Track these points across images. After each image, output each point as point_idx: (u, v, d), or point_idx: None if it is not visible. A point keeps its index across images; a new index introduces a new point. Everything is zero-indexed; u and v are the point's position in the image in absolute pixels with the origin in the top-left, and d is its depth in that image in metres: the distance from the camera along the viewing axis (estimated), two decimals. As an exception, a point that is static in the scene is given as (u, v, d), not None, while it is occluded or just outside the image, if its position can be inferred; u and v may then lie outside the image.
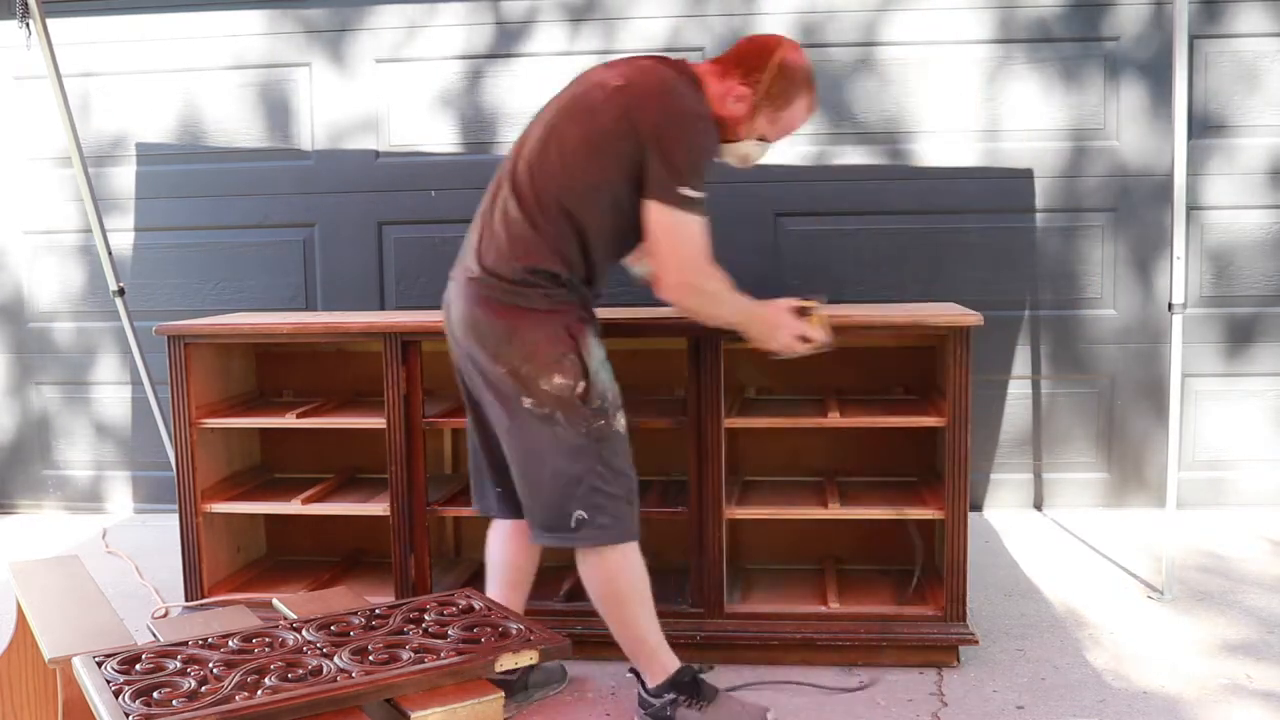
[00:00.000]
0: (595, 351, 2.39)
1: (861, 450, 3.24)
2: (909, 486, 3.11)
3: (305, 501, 3.10)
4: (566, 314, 2.37)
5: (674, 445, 3.17)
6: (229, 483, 3.24)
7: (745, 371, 3.23)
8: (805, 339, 2.50)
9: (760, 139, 2.49)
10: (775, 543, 3.26)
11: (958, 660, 2.82)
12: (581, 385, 2.34)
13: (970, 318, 2.76)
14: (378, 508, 3.05)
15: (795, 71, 2.43)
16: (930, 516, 2.88)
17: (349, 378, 3.40)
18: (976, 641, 2.80)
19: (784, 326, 2.48)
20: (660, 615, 2.90)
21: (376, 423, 2.98)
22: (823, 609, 2.89)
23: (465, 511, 3.13)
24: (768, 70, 2.40)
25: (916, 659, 2.83)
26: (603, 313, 3.15)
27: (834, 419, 2.88)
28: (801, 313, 2.51)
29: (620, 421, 2.42)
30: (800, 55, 2.46)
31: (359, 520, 3.27)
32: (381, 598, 2.85)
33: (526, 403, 2.34)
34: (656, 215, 2.28)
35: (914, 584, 2.99)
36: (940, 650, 2.82)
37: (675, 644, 2.88)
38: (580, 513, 2.36)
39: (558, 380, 2.32)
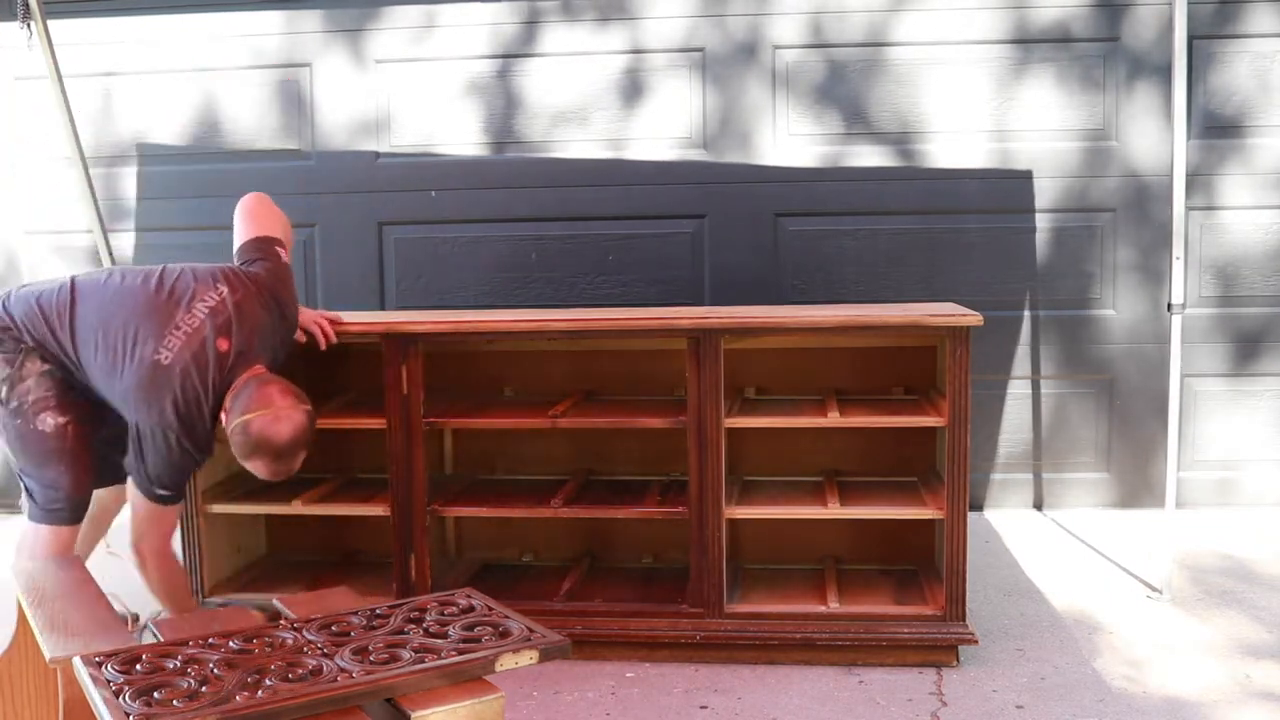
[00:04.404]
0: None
1: (861, 450, 3.24)
2: (909, 486, 3.11)
3: (305, 502, 3.10)
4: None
5: (674, 445, 3.18)
6: (229, 483, 3.24)
7: (744, 373, 3.23)
8: None
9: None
10: (775, 543, 3.26)
11: (957, 660, 2.82)
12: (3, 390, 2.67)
13: (970, 318, 2.76)
14: (378, 508, 3.05)
15: (254, 437, 2.51)
16: (930, 516, 2.88)
17: (349, 378, 3.40)
18: (976, 641, 2.81)
19: None
20: (660, 615, 2.91)
21: (376, 423, 2.99)
22: (822, 609, 2.89)
23: (465, 511, 3.14)
24: (236, 422, 2.53)
25: (916, 659, 2.83)
26: (603, 313, 3.16)
27: (834, 419, 2.88)
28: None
29: (45, 421, 2.68)
30: (272, 427, 2.50)
31: (359, 520, 3.27)
32: (381, 598, 2.85)
33: None
34: (134, 494, 2.65)
35: None
36: (940, 650, 2.82)
37: (675, 644, 2.89)
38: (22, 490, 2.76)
39: None
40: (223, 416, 2.59)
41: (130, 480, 2.65)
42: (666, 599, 2.99)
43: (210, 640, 1.74)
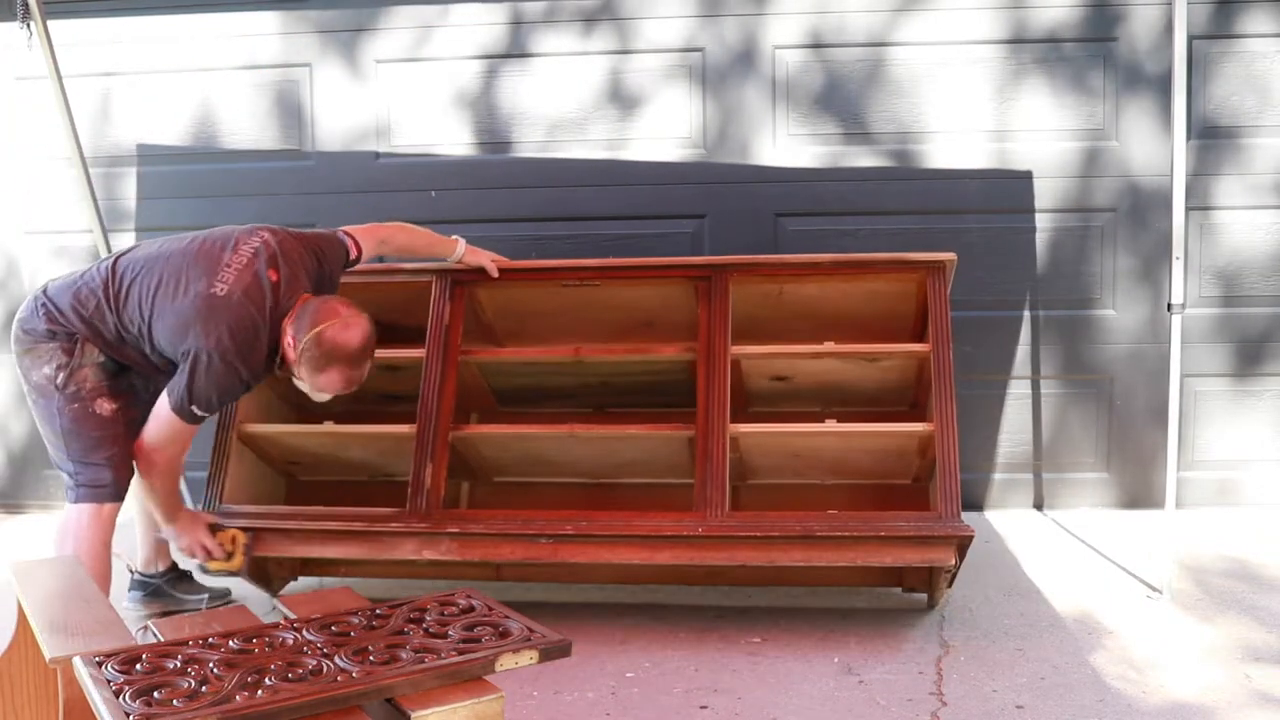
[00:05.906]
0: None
1: (856, 377, 3.34)
2: (902, 412, 3.35)
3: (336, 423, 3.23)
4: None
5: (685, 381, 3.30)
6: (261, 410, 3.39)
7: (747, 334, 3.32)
8: (210, 554, 2.97)
9: (315, 387, 2.80)
10: (779, 465, 3.38)
11: (956, 562, 2.83)
12: (61, 376, 2.81)
13: (946, 255, 3.10)
14: (405, 427, 3.16)
15: (327, 346, 2.67)
16: (922, 430, 3.00)
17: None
18: (972, 535, 2.81)
19: (187, 535, 2.96)
20: (665, 512, 3.01)
21: (416, 353, 3.17)
22: (825, 512, 2.98)
23: (486, 429, 3.34)
24: (307, 337, 2.68)
25: (915, 555, 2.85)
26: (626, 260, 3.53)
27: (829, 346, 3.10)
28: (214, 530, 2.97)
29: (102, 406, 2.84)
30: (344, 334, 2.67)
31: (383, 441, 3.33)
32: (394, 508, 3.04)
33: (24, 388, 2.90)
34: (162, 403, 2.77)
35: None
36: (938, 545, 2.82)
37: (678, 539, 2.89)
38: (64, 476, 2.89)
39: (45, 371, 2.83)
40: (287, 344, 2.72)
41: (163, 397, 2.76)
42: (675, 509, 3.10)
43: (210, 640, 1.74)
